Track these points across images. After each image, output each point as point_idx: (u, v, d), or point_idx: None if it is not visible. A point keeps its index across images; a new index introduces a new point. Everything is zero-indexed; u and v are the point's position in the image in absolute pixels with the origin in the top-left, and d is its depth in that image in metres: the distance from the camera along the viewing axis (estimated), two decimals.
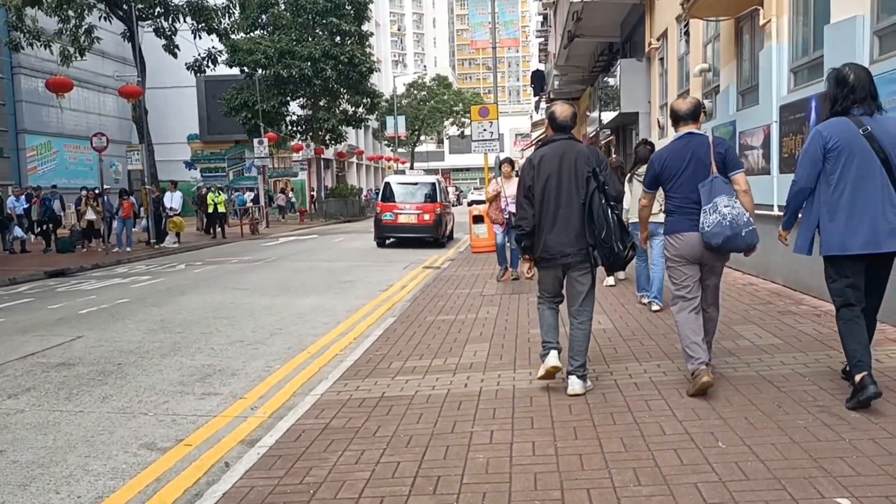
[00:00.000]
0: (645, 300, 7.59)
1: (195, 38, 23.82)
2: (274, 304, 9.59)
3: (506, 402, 4.49)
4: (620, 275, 9.26)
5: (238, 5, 24.53)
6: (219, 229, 23.81)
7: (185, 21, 23.55)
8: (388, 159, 58.27)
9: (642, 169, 7.00)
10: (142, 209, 20.58)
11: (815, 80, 6.94)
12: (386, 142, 58.48)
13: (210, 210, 24.03)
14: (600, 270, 4.72)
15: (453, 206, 27.68)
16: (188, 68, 24.79)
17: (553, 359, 4.57)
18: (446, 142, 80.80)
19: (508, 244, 10.04)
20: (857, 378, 3.81)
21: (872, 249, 3.83)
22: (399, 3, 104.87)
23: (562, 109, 4.70)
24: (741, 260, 9.38)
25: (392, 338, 6.74)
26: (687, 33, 12.08)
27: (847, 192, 3.84)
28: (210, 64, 24.56)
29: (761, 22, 8.19)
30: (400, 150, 59.39)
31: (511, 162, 10.53)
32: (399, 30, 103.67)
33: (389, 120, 51.81)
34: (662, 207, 4.86)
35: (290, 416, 4.59)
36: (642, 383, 4.71)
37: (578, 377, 4.53)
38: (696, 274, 4.46)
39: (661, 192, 4.72)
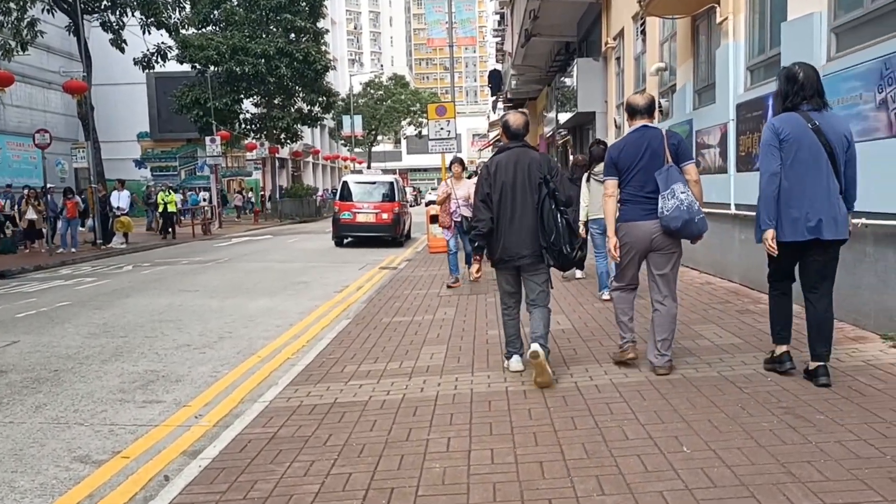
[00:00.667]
0: (605, 297, 7.60)
1: (144, 32, 23.10)
2: (224, 307, 9.26)
3: (463, 407, 4.31)
4: (579, 273, 9.51)
5: (189, 0, 23.85)
6: (170, 230, 23.18)
7: (133, 15, 22.83)
8: (345, 159, 57.71)
9: (599, 167, 7.08)
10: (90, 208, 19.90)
11: (772, 79, 6.90)
12: (342, 141, 57.94)
13: (160, 210, 23.41)
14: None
15: (411, 205, 27.49)
16: (136, 64, 24.06)
17: (516, 364, 4.98)
18: (404, 142, 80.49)
19: (460, 250, 9.67)
20: (779, 350, 4.44)
21: (816, 236, 4.06)
22: (355, 1, 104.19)
23: (515, 118, 4.97)
24: (698, 259, 9.40)
25: (346, 340, 6.51)
26: (643, 32, 12.09)
27: (796, 183, 4.07)
28: (159, 60, 23.86)
29: (718, 20, 8.18)
30: (357, 149, 58.96)
31: (461, 162, 9.83)
32: (355, 28, 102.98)
33: (346, 119, 51.30)
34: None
35: (236, 424, 4.34)
36: (603, 385, 4.58)
37: (540, 344, 4.72)
38: (637, 265, 4.76)
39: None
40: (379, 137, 64.79)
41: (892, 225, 4.91)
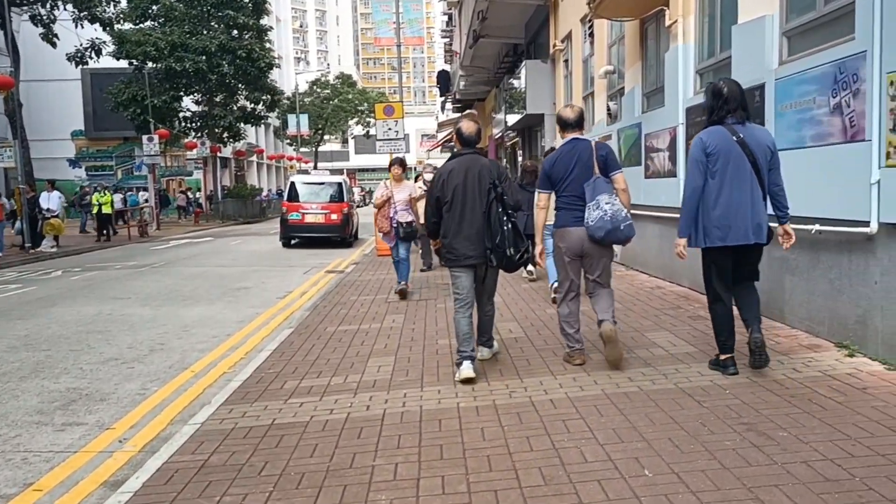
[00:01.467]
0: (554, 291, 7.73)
1: (76, 26, 22.10)
2: (157, 316, 8.77)
3: (412, 427, 4.04)
4: (530, 269, 9.58)
5: None
6: (105, 232, 22.25)
7: (65, 8, 21.83)
8: (290, 158, 56.70)
9: None
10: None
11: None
12: (288, 140, 56.90)
13: (95, 211, 22.46)
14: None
15: (359, 206, 27.00)
16: (69, 59, 23.02)
17: (467, 370, 4.91)
18: (351, 141, 79.66)
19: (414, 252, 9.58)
20: (723, 357, 4.68)
21: (743, 241, 4.38)
22: None
23: (468, 126, 5.21)
24: (649, 263, 9.34)
25: (287, 352, 6.16)
26: (591, 35, 12.02)
27: (723, 192, 4.36)
28: (93, 55, 22.86)
29: (667, 23, 8.10)
30: (303, 149, 57.97)
31: (402, 163, 9.16)
32: (301, 26, 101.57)
33: (291, 118, 50.36)
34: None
35: (162, 451, 3.97)
36: (559, 400, 4.37)
37: (486, 346, 5.37)
38: (577, 267, 5.04)
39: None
40: (326, 137, 63.82)
41: (845, 231, 4.83)
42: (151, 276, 12.79)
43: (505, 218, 4.89)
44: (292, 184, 18.99)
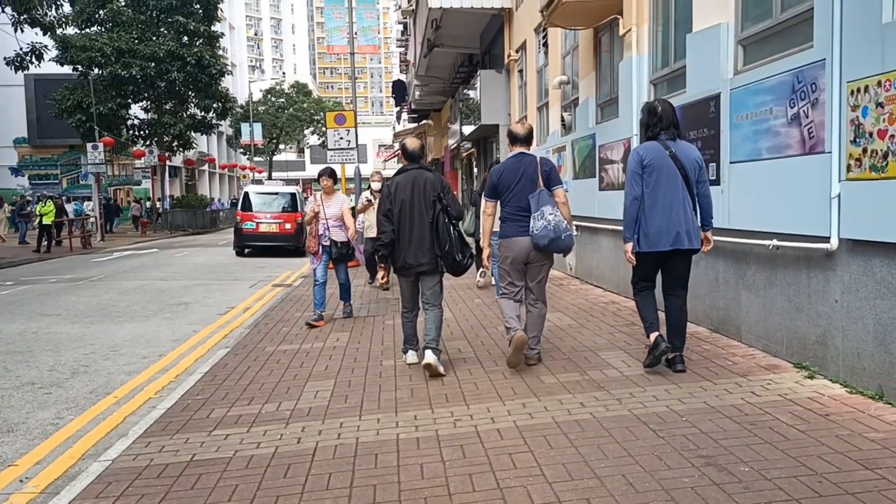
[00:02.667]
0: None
1: (16, 30, 21.14)
2: (86, 334, 8.22)
3: (345, 464, 3.68)
4: (481, 281, 10.07)
5: None
6: (45, 243, 21.30)
7: (3, 11, 20.88)
8: (244, 168, 55.65)
9: None
10: None
11: (678, 92, 6.68)
12: (241, 150, 55.86)
13: (38, 222, 21.51)
14: None
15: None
16: (8, 64, 21.98)
17: (412, 357, 5.68)
18: (307, 151, 78.70)
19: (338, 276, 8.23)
20: (652, 337, 4.85)
21: (676, 246, 4.73)
22: (255, 6, 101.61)
23: (412, 143, 5.71)
24: (604, 276, 9.12)
25: (220, 376, 5.73)
26: (546, 45, 11.85)
27: (658, 201, 4.73)
28: (34, 60, 21.89)
29: (621, 32, 7.93)
30: (257, 158, 56.96)
31: (332, 174, 8.00)
32: (256, 34, 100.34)
33: (245, 127, 49.46)
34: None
35: (64, 494, 3.54)
36: (506, 430, 4.05)
37: (433, 350, 5.35)
38: (520, 273, 5.32)
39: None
40: (281, 146, 62.87)
41: (804, 247, 4.64)
42: (87, 291, 12.14)
43: (451, 227, 5.40)
44: (246, 194, 19.45)
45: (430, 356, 5.28)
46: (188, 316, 9.38)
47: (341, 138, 15.32)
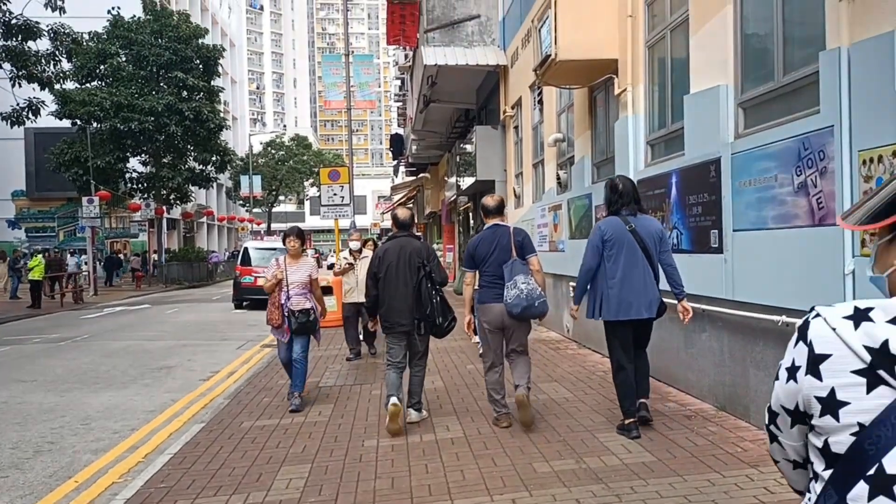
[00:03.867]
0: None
1: (13, 85, 21.20)
2: (59, 404, 7.81)
3: None
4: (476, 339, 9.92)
5: (65, 52, 22.13)
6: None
7: (1, 67, 20.96)
8: (242, 220, 55.60)
9: None
10: None
11: (675, 154, 6.43)
12: (241, 201, 55.91)
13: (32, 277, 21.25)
14: None
15: None
16: (4, 119, 21.94)
17: (394, 400, 5.62)
18: (307, 203, 78.92)
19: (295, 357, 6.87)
20: (627, 421, 5.20)
21: (637, 316, 5.06)
22: (258, 61, 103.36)
23: (403, 213, 6.20)
24: (602, 341, 8.71)
25: (190, 457, 5.33)
26: (541, 102, 11.71)
27: (619, 273, 5.04)
28: (31, 115, 21.87)
29: (616, 91, 7.73)
30: (256, 210, 56.98)
31: (300, 234, 7.03)
32: (258, 88, 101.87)
33: (244, 179, 49.58)
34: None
35: None
36: None
37: (415, 409, 5.93)
38: (499, 337, 5.59)
39: None
40: (280, 198, 63.02)
41: None
42: (69, 353, 11.73)
43: (434, 292, 5.71)
44: (245, 249, 20.29)
45: (412, 415, 5.91)
46: (169, 382, 8.97)
47: (335, 194, 15.13)
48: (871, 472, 1.04)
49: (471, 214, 21.52)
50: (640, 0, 7.29)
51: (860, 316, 1.10)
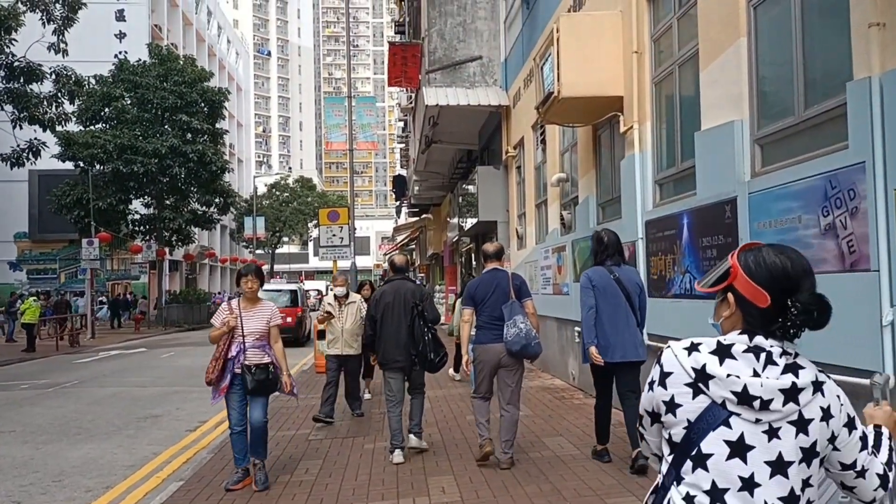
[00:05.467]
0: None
1: (15, 127, 21.18)
2: (34, 458, 7.36)
3: None
4: (457, 376, 10.88)
5: (67, 94, 22.15)
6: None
7: (2, 109, 20.97)
8: (245, 261, 55.29)
9: None
10: None
11: (686, 193, 6.08)
12: (244, 243, 55.74)
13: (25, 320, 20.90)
14: None
15: (312, 309, 26.10)
16: (4, 161, 21.88)
17: (398, 457, 6.10)
18: (310, 244, 78.84)
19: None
20: (598, 447, 5.86)
21: (621, 359, 5.43)
22: (265, 105, 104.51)
23: (399, 259, 6.89)
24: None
25: None
26: (543, 141, 11.44)
27: (604, 319, 5.44)
28: (31, 156, 21.80)
29: (622, 129, 7.42)
30: (259, 251, 56.80)
31: (258, 272, 5.72)
32: (264, 131, 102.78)
33: (248, 220, 49.48)
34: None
35: None
36: None
37: (416, 434, 6.37)
38: (491, 379, 5.87)
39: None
40: (284, 239, 62.90)
41: (850, 382, 3.85)
42: (55, 400, 11.28)
43: (426, 329, 6.13)
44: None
45: (413, 441, 6.33)
46: (154, 433, 8.51)
47: (334, 235, 14.82)
48: (694, 452, 1.56)
49: (473, 256, 21.17)
50: (646, 35, 7.03)
51: (692, 348, 1.61)
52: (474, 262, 21.19)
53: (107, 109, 30.57)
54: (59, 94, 22.08)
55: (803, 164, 4.30)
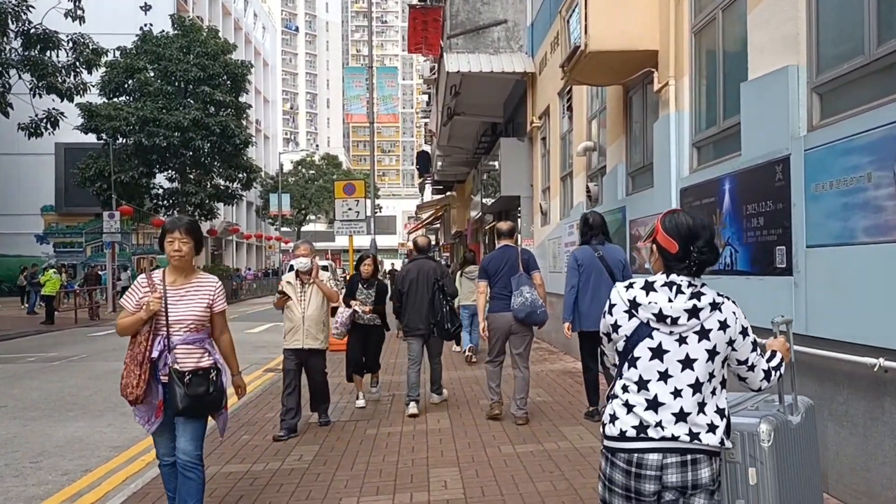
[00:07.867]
0: (456, 349, 11.05)
1: (33, 96, 20.84)
2: (18, 436, 6.93)
3: None
4: (455, 347, 11.09)
5: (85, 63, 21.73)
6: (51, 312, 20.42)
7: (20, 77, 20.62)
8: (270, 238, 55.19)
9: (469, 268, 10.18)
10: None
11: (729, 155, 5.36)
12: (270, 220, 55.59)
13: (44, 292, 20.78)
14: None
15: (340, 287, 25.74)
16: (21, 129, 21.56)
17: (413, 408, 6.90)
18: (337, 222, 78.63)
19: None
20: (591, 408, 6.40)
21: (595, 327, 5.39)
22: (293, 82, 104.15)
23: (422, 240, 7.64)
24: None
25: None
26: (570, 108, 10.70)
27: (589, 292, 6.05)
28: (48, 126, 21.45)
29: (656, 87, 6.69)
30: (285, 228, 56.61)
31: (192, 230, 3.83)
32: (292, 108, 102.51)
33: (273, 197, 49.23)
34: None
35: None
36: None
37: (437, 394, 7.47)
38: (503, 343, 6.42)
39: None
40: (310, 217, 62.66)
41: None
42: (56, 374, 10.92)
43: (444, 302, 6.98)
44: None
45: (435, 398, 7.43)
46: None
47: (350, 209, 14.23)
48: (629, 357, 2.27)
49: (496, 234, 20.50)
50: None
51: (629, 286, 2.31)
52: (497, 242, 20.53)
53: (130, 81, 30.24)
54: (77, 63, 21.68)
55: (873, 111, 3.58)
